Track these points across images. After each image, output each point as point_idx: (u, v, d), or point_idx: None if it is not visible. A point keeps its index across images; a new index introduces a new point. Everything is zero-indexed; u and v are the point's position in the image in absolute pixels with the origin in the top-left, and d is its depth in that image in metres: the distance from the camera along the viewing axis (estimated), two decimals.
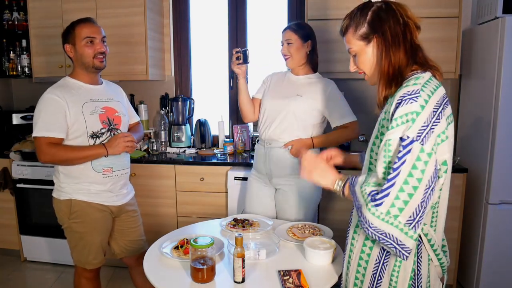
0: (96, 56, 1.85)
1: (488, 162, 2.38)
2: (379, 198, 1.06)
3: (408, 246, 1.07)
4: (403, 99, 1.08)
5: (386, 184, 1.06)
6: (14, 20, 3.16)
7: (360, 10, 1.20)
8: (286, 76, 2.17)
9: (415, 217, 1.06)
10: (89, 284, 2.00)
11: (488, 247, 2.41)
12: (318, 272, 1.45)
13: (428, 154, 1.05)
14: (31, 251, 3.06)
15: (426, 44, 2.96)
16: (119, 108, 1.97)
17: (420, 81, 1.12)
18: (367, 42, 1.19)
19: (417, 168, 1.04)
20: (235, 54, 2.12)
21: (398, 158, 1.05)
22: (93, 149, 1.82)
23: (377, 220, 1.06)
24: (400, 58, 1.16)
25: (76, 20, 1.88)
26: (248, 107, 2.19)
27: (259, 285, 1.39)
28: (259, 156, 2.16)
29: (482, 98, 2.48)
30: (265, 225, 1.86)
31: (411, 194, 1.04)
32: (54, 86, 1.85)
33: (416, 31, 1.19)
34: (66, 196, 1.86)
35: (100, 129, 1.86)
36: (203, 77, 3.33)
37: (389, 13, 1.16)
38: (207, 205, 2.76)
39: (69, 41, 1.87)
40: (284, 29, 2.10)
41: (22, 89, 3.49)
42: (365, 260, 1.26)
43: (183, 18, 3.24)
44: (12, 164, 2.93)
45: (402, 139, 1.06)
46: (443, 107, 1.11)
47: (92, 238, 1.91)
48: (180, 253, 1.57)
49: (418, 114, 1.06)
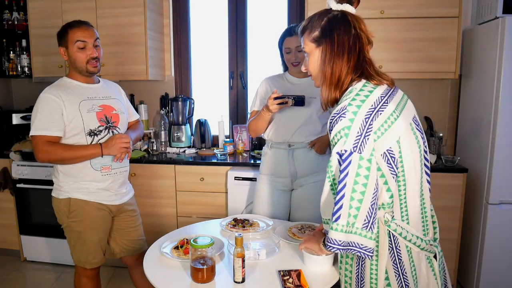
0: (89, 61, 1.84)
1: (488, 162, 2.38)
2: (335, 212, 1.15)
3: (369, 247, 1.17)
4: (334, 119, 1.18)
5: (337, 197, 1.15)
6: (14, 20, 3.15)
7: (319, 15, 1.28)
8: (286, 78, 2.13)
9: (369, 219, 1.15)
10: (90, 283, 2.00)
11: (488, 247, 2.41)
12: (318, 273, 1.44)
13: (368, 160, 1.14)
14: (31, 251, 3.06)
15: (426, 44, 2.97)
16: (117, 106, 1.97)
17: (351, 95, 1.20)
18: (317, 45, 1.27)
19: (361, 175, 1.13)
20: (287, 99, 1.85)
21: (341, 171, 1.15)
22: (89, 148, 1.81)
23: (341, 234, 1.16)
24: (341, 66, 1.24)
25: (69, 22, 1.87)
26: (264, 129, 2.11)
27: (259, 285, 1.38)
28: (280, 160, 2.09)
29: (482, 98, 2.48)
30: (265, 225, 1.86)
31: (361, 200, 1.14)
32: (50, 85, 1.85)
33: (368, 45, 1.27)
34: (65, 195, 1.86)
35: (98, 126, 1.86)
36: (203, 77, 3.33)
37: (341, 23, 1.24)
38: (207, 205, 2.76)
39: (62, 44, 1.86)
40: (288, 34, 2.02)
41: (22, 89, 3.49)
42: (350, 264, 1.34)
43: (183, 18, 3.24)
44: (12, 164, 2.93)
45: (340, 154, 1.16)
46: (378, 110, 1.17)
47: (91, 237, 1.91)
48: (180, 253, 1.57)
49: (349, 128, 1.15)
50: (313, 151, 2.06)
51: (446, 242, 2.48)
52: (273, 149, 2.12)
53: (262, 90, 2.15)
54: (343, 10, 1.27)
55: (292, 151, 2.07)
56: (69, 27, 1.84)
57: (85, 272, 1.97)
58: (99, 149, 1.81)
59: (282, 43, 2.06)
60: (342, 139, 1.15)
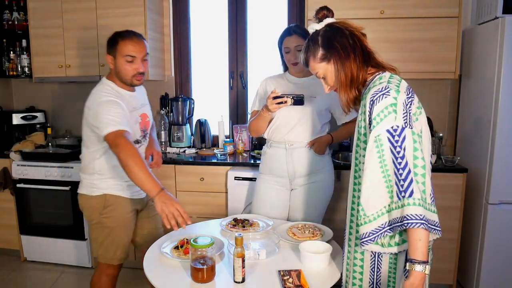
0: (135, 75, 1.82)
1: (488, 162, 2.38)
2: (406, 188, 1.12)
3: (439, 222, 1.15)
4: (375, 98, 1.19)
5: (404, 173, 1.12)
6: (14, 20, 3.15)
7: (311, 40, 1.35)
8: (286, 78, 2.13)
9: (432, 194, 1.16)
10: (109, 282, 2.01)
11: (488, 247, 2.41)
12: (318, 272, 1.45)
13: (419, 135, 1.17)
14: (31, 251, 3.06)
15: (426, 44, 2.96)
16: (149, 112, 2.03)
17: (384, 80, 1.25)
18: (327, 61, 1.32)
19: (418, 149, 1.14)
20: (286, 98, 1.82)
21: (399, 147, 1.13)
22: (151, 183, 1.60)
23: (420, 208, 1.11)
24: (351, 66, 1.29)
25: (120, 32, 1.82)
26: (264, 129, 2.10)
27: (259, 285, 1.39)
28: (279, 159, 2.09)
29: (482, 98, 2.48)
30: (265, 225, 1.86)
31: (424, 174, 1.14)
32: (104, 89, 1.78)
33: (364, 37, 1.33)
34: (100, 191, 1.88)
35: (139, 136, 1.90)
36: (203, 77, 3.33)
37: (334, 31, 1.32)
38: (207, 205, 2.76)
39: (111, 52, 1.82)
40: (287, 34, 2.02)
41: (22, 89, 3.49)
42: (360, 266, 1.33)
43: (183, 18, 3.24)
44: (12, 164, 2.93)
45: (393, 130, 1.15)
46: (411, 94, 1.24)
47: (121, 233, 1.93)
48: (180, 253, 1.57)
49: (395, 105, 1.17)
50: (312, 151, 2.07)
51: (446, 242, 2.49)
52: (272, 148, 2.12)
53: (262, 90, 2.15)
54: (327, 23, 1.34)
55: (291, 150, 2.07)
56: (121, 38, 1.79)
57: (108, 270, 1.98)
58: (156, 190, 1.59)
59: (281, 43, 2.06)
60: (391, 115, 1.15)
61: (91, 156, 1.89)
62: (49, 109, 3.42)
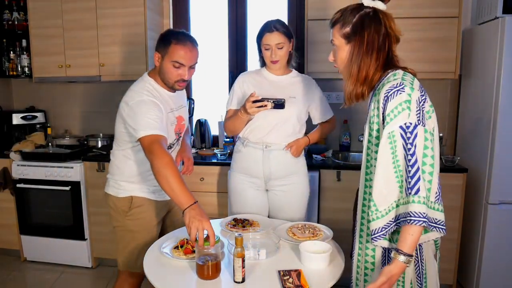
0: (178, 81, 1.75)
1: (488, 162, 2.38)
2: (413, 185, 1.12)
3: (444, 221, 1.17)
4: (389, 94, 1.18)
5: (412, 170, 1.12)
6: (14, 20, 3.15)
7: (351, 10, 1.28)
8: (263, 76, 2.06)
9: (439, 192, 1.16)
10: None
11: (488, 247, 2.41)
12: (318, 272, 1.44)
13: (431, 133, 1.17)
14: (31, 251, 3.06)
15: (426, 44, 2.96)
16: (186, 115, 1.94)
17: (398, 76, 1.24)
18: (347, 41, 1.28)
19: (428, 147, 1.15)
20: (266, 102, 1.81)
21: (411, 144, 1.13)
22: (184, 196, 1.49)
23: (424, 207, 1.12)
24: (369, 64, 1.26)
25: (176, 33, 1.73)
26: (241, 129, 2.05)
27: (259, 285, 1.38)
28: (255, 159, 2.04)
29: (482, 98, 2.48)
30: (265, 225, 1.86)
31: (431, 172, 1.14)
32: (145, 88, 1.72)
33: (395, 43, 1.30)
34: (126, 193, 1.83)
35: (173, 140, 1.85)
36: (203, 77, 3.33)
37: (372, 21, 1.25)
38: (207, 205, 2.75)
39: (160, 51, 1.74)
40: (268, 30, 1.92)
41: (22, 89, 3.49)
42: (371, 256, 1.33)
43: (183, 18, 3.24)
44: (12, 164, 2.93)
45: (403, 128, 1.15)
46: (424, 93, 1.23)
47: (145, 238, 1.85)
48: (180, 253, 1.57)
49: (409, 102, 1.16)
50: (289, 153, 2.04)
51: (446, 242, 2.48)
52: (249, 147, 2.06)
53: (239, 88, 2.08)
54: (375, 7, 1.27)
55: (268, 152, 2.03)
56: (175, 41, 1.70)
57: (131, 278, 1.89)
58: (188, 203, 1.48)
59: (261, 38, 1.97)
60: (404, 112, 1.15)
61: (122, 156, 1.82)
62: (49, 109, 3.41)
